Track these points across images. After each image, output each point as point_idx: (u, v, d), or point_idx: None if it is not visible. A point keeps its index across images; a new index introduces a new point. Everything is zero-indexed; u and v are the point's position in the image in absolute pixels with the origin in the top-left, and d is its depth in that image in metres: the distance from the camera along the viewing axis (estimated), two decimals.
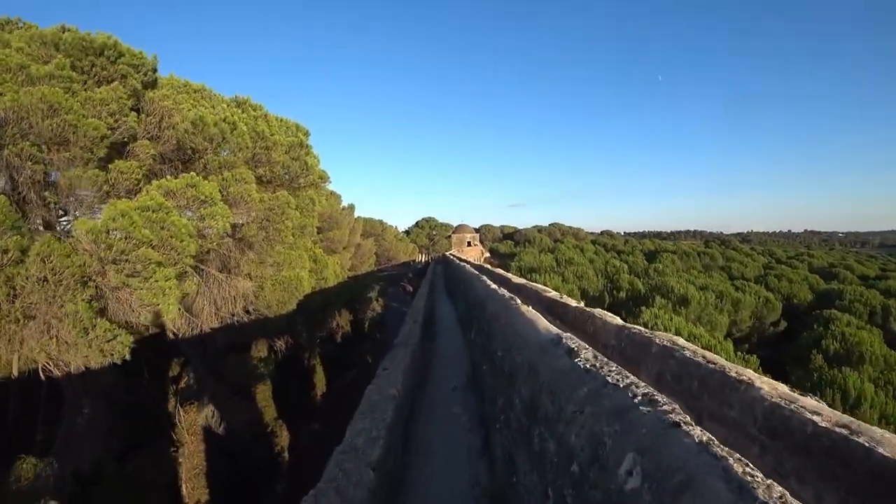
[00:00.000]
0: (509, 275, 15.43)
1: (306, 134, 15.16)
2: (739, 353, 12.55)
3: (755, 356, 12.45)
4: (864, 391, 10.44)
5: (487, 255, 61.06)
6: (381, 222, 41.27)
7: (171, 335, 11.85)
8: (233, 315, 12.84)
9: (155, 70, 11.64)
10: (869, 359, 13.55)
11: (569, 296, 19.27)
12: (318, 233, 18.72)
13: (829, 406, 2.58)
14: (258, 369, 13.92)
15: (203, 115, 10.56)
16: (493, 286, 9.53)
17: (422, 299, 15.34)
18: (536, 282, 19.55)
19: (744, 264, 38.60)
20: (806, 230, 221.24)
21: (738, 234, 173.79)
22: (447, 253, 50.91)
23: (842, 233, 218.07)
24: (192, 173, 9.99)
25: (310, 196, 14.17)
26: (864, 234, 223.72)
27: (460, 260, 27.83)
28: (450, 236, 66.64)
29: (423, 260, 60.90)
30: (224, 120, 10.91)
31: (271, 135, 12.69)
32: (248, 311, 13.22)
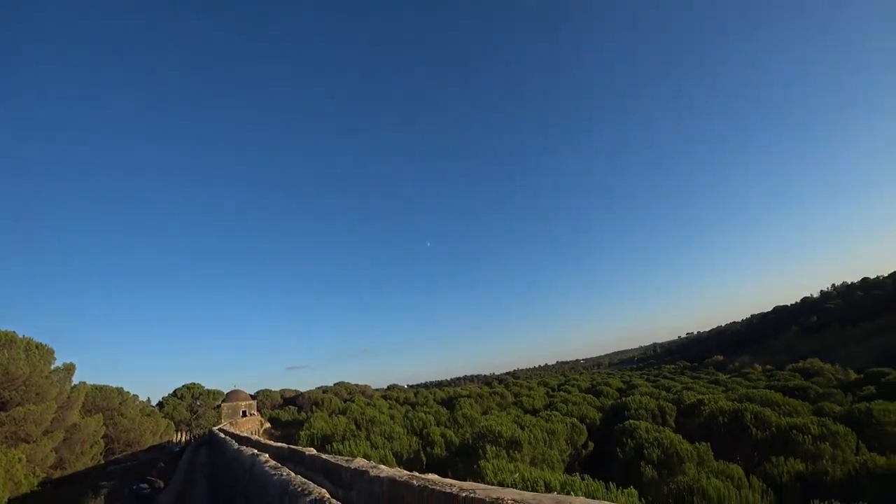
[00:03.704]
0: (304, 449, 11.44)
1: None
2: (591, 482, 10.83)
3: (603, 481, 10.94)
4: (719, 489, 9.58)
5: (268, 425, 50.71)
6: (119, 391, 30.19)
7: None
8: None
9: None
10: (686, 456, 13.53)
11: (382, 463, 15.71)
12: None
13: None
14: None
15: None
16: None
17: None
18: (342, 452, 15.54)
19: (531, 397, 40.39)
20: (558, 362, 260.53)
21: (508, 373, 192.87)
22: (216, 428, 37.65)
23: (583, 360, 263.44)
24: None
25: None
26: (596, 357, 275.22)
27: (236, 438, 20.01)
28: (219, 406, 53.20)
29: (183, 440, 44.12)
30: None
31: None
32: None
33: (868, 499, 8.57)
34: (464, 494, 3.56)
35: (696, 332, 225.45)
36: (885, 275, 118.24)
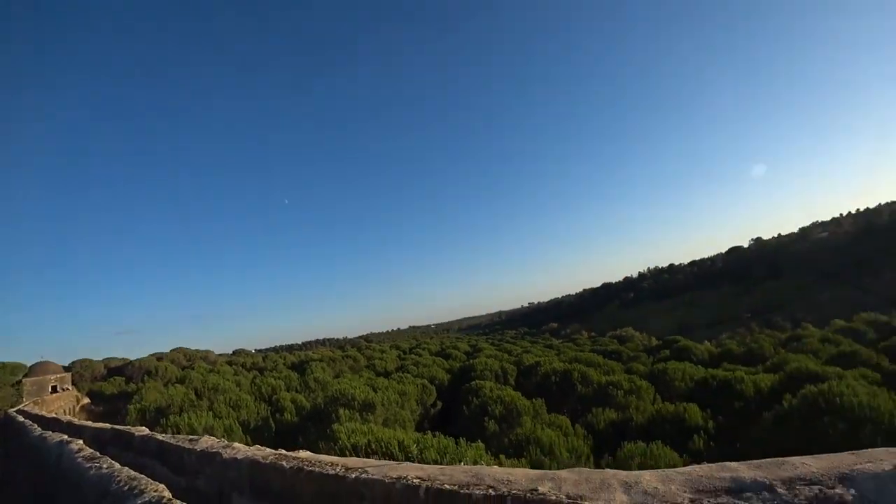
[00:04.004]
0: (134, 429, 10.02)
1: None
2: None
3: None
4: (549, 437, 10.76)
5: (87, 401, 43.62)
6: None
7: None
8: None
9: None
10: (524, 410, 14.99)
11: (227, 435, 14.69)
12: None
13: None
14: None
15: None
16: None
17: None
18: (180, 427, 14.12)
19: (384, 360, 41.18)
20: (410, 326, 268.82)
21: (362, 336, 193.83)
22: (13, 410, 26.78)
23: (434, 325, 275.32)
24: None
25: None
26: (447, 323, 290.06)
27: (39, 422, 16.22)
28: (20, 382, 43.47)
29: None
30: None
31: None
32: None
33: (661, 436, 10.27)
34: (353, 476, 2.99)
35: (536, 302, 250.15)
36: (686, 262, 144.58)
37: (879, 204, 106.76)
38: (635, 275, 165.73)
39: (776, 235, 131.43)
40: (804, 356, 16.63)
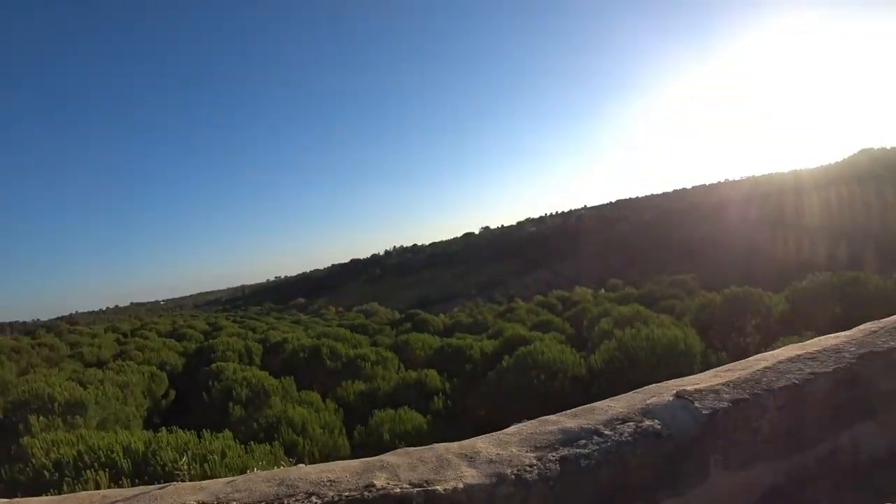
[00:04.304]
0: None
1: None
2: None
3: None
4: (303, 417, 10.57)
5: None
6: None
7: None
8: None
9: None
10: (272, 391, 14.43)
11: None
12: None
13: None
14: None
15: None
16: None
17: None
18: None
19: (96, 346, 33.85)
20: (132, 303, 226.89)
21: (62, 317, 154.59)
22: None
23: (163, 300, 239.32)
24: None
25: None
26: (179, 299, 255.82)
27: None
28: None
29: None
30: None
31: None
32: None
33: (406, 402, 11.17)
34: None
35: (283, 276, 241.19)
36: (427, 244, 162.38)
37: (572, 209, 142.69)
38: (382, 252, 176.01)
39: (501, 226, 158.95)
40: (516, 324, 20.29)
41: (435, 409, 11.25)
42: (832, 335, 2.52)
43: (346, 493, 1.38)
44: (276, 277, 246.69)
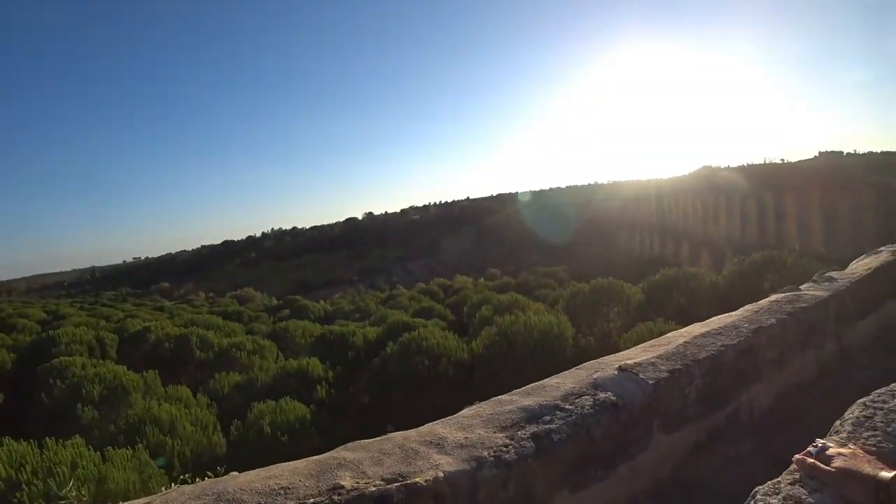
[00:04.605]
0: None
1: None
2: None
3: None
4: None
5: None
6: None
7: None
8: None
9: None
10: (132, 387, 12.98)
11: None
12: None
13: None
14: None
15: None
16: None
17: None
18: None
19: None
20: None
21: None
22: None
23: None
24: None
25: None
26: (8, 282, 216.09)
27: None
28: None
29: None
30: None
31: None
32: None
33: (288, 392, 10.65)
34: None
35: (143, 258, 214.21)
36: (308, 227, 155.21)
37: (455, 200, 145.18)
38: (259, 234, 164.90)
39: (384, 212, 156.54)
40: (399, 311, 20.31)
41: (318, 399, 10.89)
42: (726, 314, 2.97)
43: (312, 501, 1.16)
44: (134, 259, 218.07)
